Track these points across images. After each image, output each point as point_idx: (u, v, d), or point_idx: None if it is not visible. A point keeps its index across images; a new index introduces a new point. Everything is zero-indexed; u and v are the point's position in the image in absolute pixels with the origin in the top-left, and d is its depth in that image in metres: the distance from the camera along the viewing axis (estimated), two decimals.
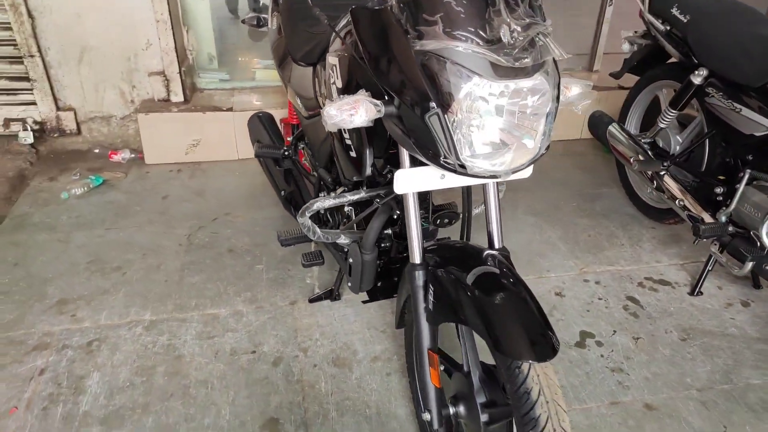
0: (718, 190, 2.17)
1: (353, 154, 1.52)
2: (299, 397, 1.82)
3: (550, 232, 2.70)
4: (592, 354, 2.03)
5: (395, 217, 1.62)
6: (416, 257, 1.30)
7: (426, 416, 1.33)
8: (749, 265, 2.02)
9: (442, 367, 1.38)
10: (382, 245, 1.71)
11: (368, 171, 1.43)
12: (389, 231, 1.68)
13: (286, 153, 2.26)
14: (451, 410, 1.38)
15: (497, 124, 1.05)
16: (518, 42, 1.00)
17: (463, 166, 1.07)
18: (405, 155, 1.23)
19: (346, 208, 1.77)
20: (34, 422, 1.71)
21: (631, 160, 2.47)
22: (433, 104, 1.03)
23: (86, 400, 1.78)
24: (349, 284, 1.70)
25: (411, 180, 1.20)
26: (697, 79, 2.15)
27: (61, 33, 2.90)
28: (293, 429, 1.72)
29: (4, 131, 3.10)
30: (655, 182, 2.41)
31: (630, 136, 2.54)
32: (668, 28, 2.32)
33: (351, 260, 1.64)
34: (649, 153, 2.44)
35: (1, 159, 3.08)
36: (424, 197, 1.62)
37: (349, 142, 1.52)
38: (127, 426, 1.71)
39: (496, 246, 1.35)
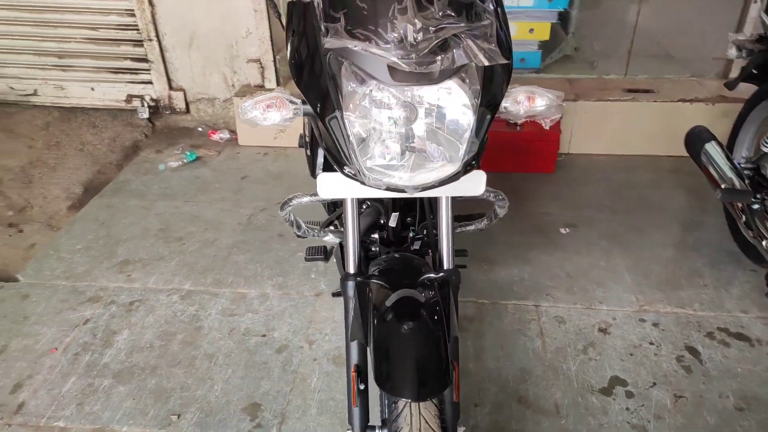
0: None
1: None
2: (288, 387, 1.84)
3: (620, 259, 2.40)
4: (616, 405, 1.77)
5: (382, 221, 1.56)
6: (350, 267, 1.23)
7: None
8: None
9: (362, 386, 1.30)
10: (372, 249, 1.65)
11: (317, 171, 1.37)
12: (376, 235, 1.61)
13: None
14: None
15: (398, 133, 0.95)
16: (422, 44, 0.89)
17: (367, 176, 0.99)
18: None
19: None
20: (64, 365, 1.94)
21: (722, 186, 2.09)
22: (334, 108, 0.96)
23: (110, 353, 1.98)
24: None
25: (333, 184, 1.13)
26: None
27: (175, 19, 3.21)
28: (270, 417, 1.75)
29: (126, 106, 3.52)
30: (744, 216, 2.02)
31: (728, 157, 2.15)
32: None
33: (335, 260, 1.61)
34: (745, 181, 2.04)
35: (123, 130, 3.50)
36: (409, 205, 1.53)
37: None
38: (132, 383, 1.87)
39: (445, 266, 1.23)
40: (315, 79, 1.00)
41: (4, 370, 1.92)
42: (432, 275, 1.19)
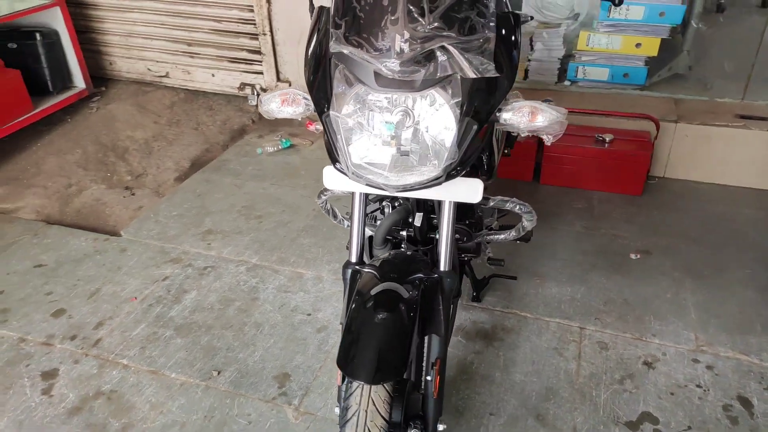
0: None
1: None
2: (318, 365, 1.97)
3: (689, 294, 2.24)
4: None
5: (410, 220, 1.62)
6: (352, 255, 1.32)
7: (336, 410, 1.35)
8: None
9: None
10: (402, 247, 1.71)
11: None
12: (404, 233, 1.68)
13: None
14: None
15: (380, 135, 1.01)
16: (407, 53, 0.95)
17: (353, 173, 1.07)
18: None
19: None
20: (138, 313, 2.22)
21: None
22: (330, 107, 1.05)
23: (177, 308, 2.24)
24: None
25: (336, 178, 1.21)
26: None
27: (287, 16, 3.47)
28: (296, 388, 1.89)
29: (239, 93, 3.86)
30: None
31: None
32: None
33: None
34: None
35: (233, 114, 3.85)
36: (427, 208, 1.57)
37: None
38: (189, 338, 2.10)
39: (441, 268, 1.27)
40: (318, 79, 1.10)
41: (93, 310, 2.25)
42: (422, 275, 1.24)
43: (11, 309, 2.26)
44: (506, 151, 2.32)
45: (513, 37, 1.17)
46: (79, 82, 3.83)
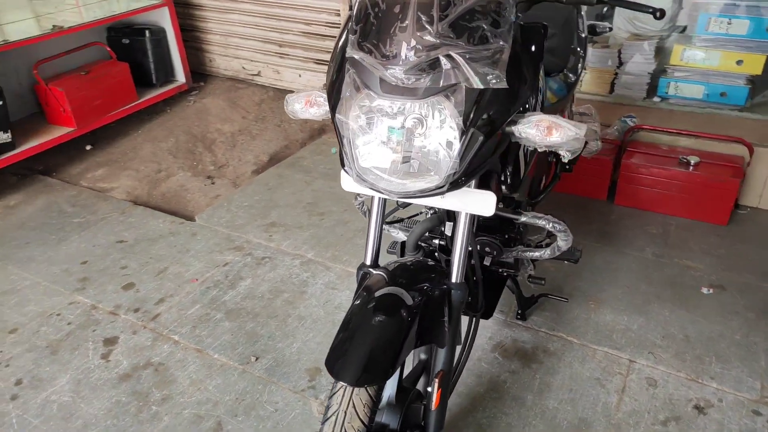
0: None
1: None
2: None
3: (762, 338, 2.03)
4: None
5: (443, 229, 1.61)
6: (366, 257, 1.33)
7: None
8: None
9: None
10: (435, 255, 1.70)
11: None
12: (436, 241, 1.66)
13: None
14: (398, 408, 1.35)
15: (383, 140, 1.02)
16: (413, 60, 0.95)
17: (359, 176, 1.08)
18: None
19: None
20: (196, 294, 2.37)
21: None
22: (338, 110, 1.07)
23: (231, 294, 2.36)
24: None
25: (349, 181, 1.23)
26: None
27: None
28: (325, 383, 1.93)
29: None
30: None
31: None
32: None
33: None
34: None
35: None
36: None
37: None
38: (236, 322, 2.21)
39: (453, 279, 1.25)
40: (335, 82, 1.12)
41: (158, 286, 2.42)
42: (429, 285, 1.23)
43: (90, 278, 2.49)
44: (567, 167, 2.23)
45: (536, 49, 1.13)
46: (181, 76, 4.14)
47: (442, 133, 1.01)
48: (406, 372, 1.41)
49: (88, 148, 3.70)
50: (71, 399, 1.91)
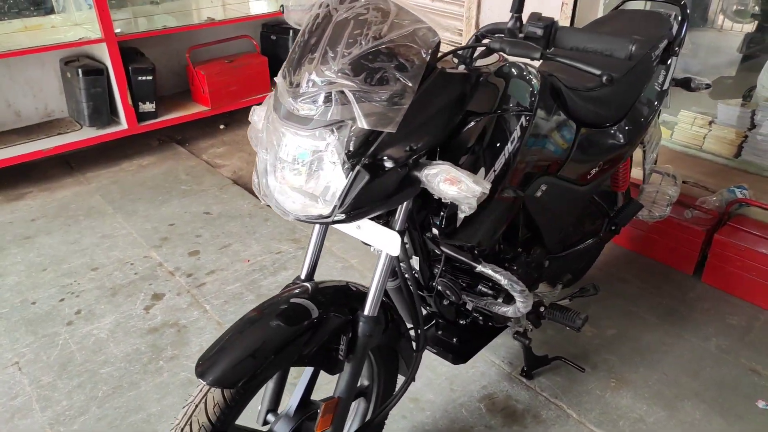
0: None
1: None
2: None
3: None
4: None
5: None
6: (303, 272, 1.39)
7: None
8: None
9: None
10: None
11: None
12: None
13: None
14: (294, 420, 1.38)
15: (279, 165, 1.06)
16: (307, 92, 0.98)
17: (264, 194, 1.14)
18: None
19: None
20: (242, 273, 2.59)
21: None
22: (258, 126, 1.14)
23: (268, 281, 2.54)
24: None
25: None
26: None
27: (493, 18, 3.50)
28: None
29: None
30: None
31: None
32: None
33: None
34: None
35: None
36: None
37: None
38: None
39: (365, 311, 1.25)
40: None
41: (216, 259, 2.69)
42: (346, 310, 1.24)
43: (169, 239, 2.84)
44: (613, 228, 2.03)
45: (462, 96, 1.08)
46: None
47: (327, 165, 1.03)
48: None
49: (221, 127, 4.19)
50: (106, 336, 2.22)
